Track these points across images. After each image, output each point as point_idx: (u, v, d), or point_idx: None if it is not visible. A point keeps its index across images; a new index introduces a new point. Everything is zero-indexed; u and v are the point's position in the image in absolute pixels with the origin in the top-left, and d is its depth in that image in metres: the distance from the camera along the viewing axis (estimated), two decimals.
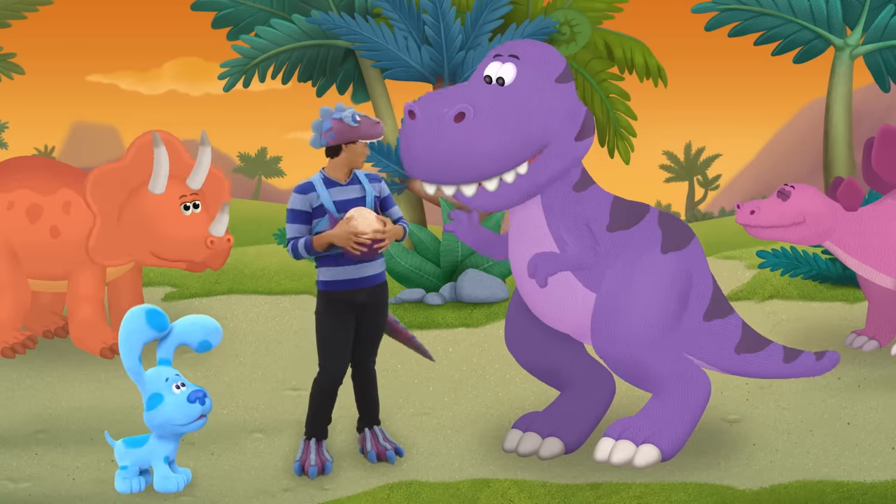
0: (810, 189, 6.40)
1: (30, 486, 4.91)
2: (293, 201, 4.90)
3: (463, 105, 4.30)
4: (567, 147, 4.58)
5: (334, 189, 4.92)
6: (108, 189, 6.82)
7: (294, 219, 4.89)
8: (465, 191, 4.47)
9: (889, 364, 6.52)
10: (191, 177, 6.88)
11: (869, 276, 6.54)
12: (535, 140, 4.46)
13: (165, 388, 4.73)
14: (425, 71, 10.02)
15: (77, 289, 6.99)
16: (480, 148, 4.35)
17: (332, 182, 4.93)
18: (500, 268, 8.56)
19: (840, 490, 4.58)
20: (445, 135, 4.31)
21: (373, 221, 4.81)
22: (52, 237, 6.97)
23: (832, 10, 11.16)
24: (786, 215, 6.30)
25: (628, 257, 4.84)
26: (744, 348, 5.16)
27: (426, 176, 4.48)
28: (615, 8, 11.31)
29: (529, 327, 5.19)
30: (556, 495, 4.62)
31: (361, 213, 4.84)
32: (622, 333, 4.80)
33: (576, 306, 4.87)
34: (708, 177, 55.99)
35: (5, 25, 13.01)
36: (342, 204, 4.89)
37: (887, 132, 6.58)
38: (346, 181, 4.94)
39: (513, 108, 4.41)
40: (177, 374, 4.80)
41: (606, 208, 4.84)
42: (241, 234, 8.85)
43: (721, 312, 5.11)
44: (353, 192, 4.95)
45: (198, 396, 4.73)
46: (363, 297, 4.98)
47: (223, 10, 10.82)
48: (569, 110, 4.58)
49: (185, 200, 6.77)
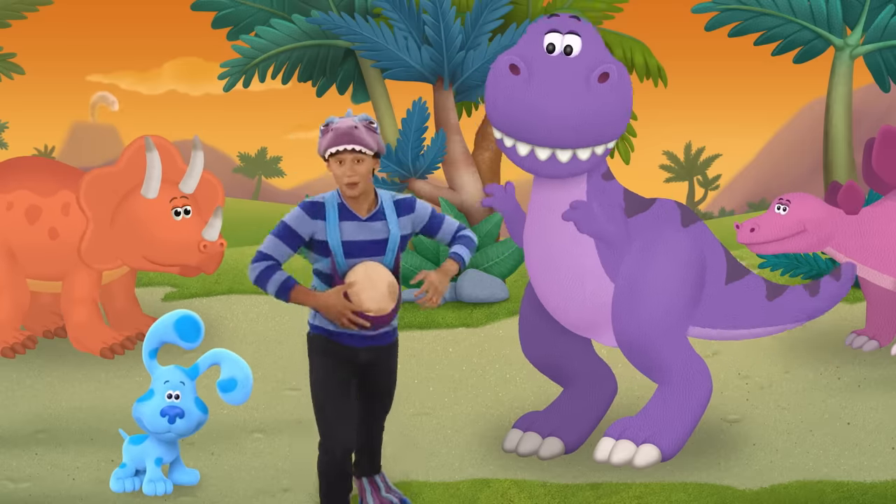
0: (807, 196, 6.44)
1: (30, 486, 4.91)
2: (292, 217, 3.94)
3: (608, 66, 4.30)
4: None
5: (349, 224, 3.94)
6: (102, 193, 6.81)
7: (281, 233, 3.94)
8: (560, 155, 4.41)
9: (889, 364, 6.52)
10: (183, 181, 6.87)
11: (870, 278, 6.54)
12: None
13: (159, 389, 4.72)
14: (425, 71, 10.01)
15: (72, 291, 6.99)
16: (622, 108, 4.42)
17: (349, 213, 3.95)
18: (500, 268, 8.55)
19: (840, 490, 4.57)
20: (594, 95, 4.31)
21: (384, 295, 3.89)
22: (51, 238, 6.97)
23: (832, 10, 11.15)
24: (786, 227, 6.32)
25: (648, 237, 4.87)
26: (773, 294, 5.22)
27: (550, 135, 4.35)
28: (615, 8, 11.31)
29: (541, 322, 5.19)
30: (556, 495, 4.62)
31: (371, 277, 3.89)
32: (642, 318, 4.83)
33: (584, 298, 4.87)
34: (708, 177, 56.01)
35: (5, 25, 13.01)
36: (354, 247, 3.92)
37: (888, 133, 6.59)
38: (367, 215, 3.96)
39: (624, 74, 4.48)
40: (183, 382, 4.74)
41: (622, 196, 4.89)
42: (242, 234, 8.85)
43: (739, 274, 5.17)
44: (372, 231, 3.96)
45: (169, 413, 4.65)
46: (365, 357, 4.09)
47: (223, 10, 10.81)
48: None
49: (176, 205, 6.75)
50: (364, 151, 3.87)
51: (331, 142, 3.87)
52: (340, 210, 3.93)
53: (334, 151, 3.87)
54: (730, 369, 6.46)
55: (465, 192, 9.98)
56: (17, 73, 13.88)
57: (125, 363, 6.91)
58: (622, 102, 4.44)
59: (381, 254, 3.97)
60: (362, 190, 3.91)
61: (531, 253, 4.93)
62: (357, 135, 3.86)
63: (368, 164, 3.90)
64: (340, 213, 3.92)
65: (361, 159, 3.88)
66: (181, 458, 4.93)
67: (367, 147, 3.87)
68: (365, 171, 3.89)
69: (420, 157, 9.68)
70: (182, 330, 4.76)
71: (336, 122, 3.89)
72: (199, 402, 4.80)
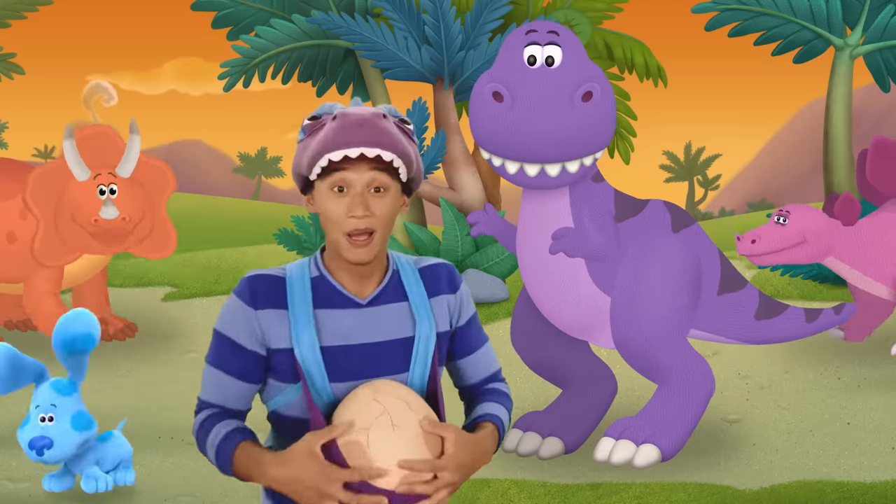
0: (806, 208, 6.48)
1: (30, 486, 4.90)
2: (225, 316, 2.08)
3: (591, 84, 4.35)
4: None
5: (338, 316, 2.07)
6: (46, 190, 6.88)
7: (218, 356, 2.09)
8: (549, 170, 4.46)
9: (889, 364, 6.52)
10: (120, 165, 6.93)
11: (867, 288, 6.57)
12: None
13: (33, 413, 4.44)
14: (425, 71, 10.01)
15: (34, 289, 7.01)
16: (606, 121, 4.48)
17: (337, 294, 2.08)
18: (500, 268, 8.56)
19: (840, 490, 4.57)
20: (577, 111, 4.36)
21: (414, 448, 1.92)
22: (9, 242, 7.00)
23: (832, 10, 11.16)
24: (786, 238, 6.35)
25: (640, 245, 4.87)
26: (763, 315, 5.22)
27: (535, 151, 4.40)
28: (615, 8, 11.33)
29: (535, 323, 5.20)
30: (556, 495, 4.62)
31: (389, 414, 1.93)
32: (642, 328, 4.85)
33: (578, 301, 4.88)
34: (708, 177, 56.03)
35: (5, 25, 13.02)
36: (348, 358, 2.06)
37: (881, 144, 6.61)
38: (371, 296, 2.10)
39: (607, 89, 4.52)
40: (54, 404, 4.38)
41: (611, 199, 4.88)
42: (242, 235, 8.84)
43: (734, 286, 5.16)
44: (382, 325, 2.09)
45: (35, 445, 4.36)
46: None
47: (223, 10, 10.82)
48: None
49: (101, 181, 6.82)
50: (395, 166, 2.02)
51: (330, 142, 1.98)
52: (318, 290, 2.06)
53: (337, 160, 1.98)
54: (730, 369, 6.46)
55: (465, 192, 9.98)
56: (17, 73, 13.90)
57: (125, 363, 6.92)
58: (606, 115, 4.49)
59: (401, 368, 2.10)
60: (377, 251, 2.05)
61: (524, 259, 4.95)
62: (384, 131, 2.01)
63: (395, 197, 2.05)
64: (318, 295, 2.06)
65: (386, 186, 2.02)
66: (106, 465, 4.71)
67: (401, 155, 2.03)
68: (388, 211, 2.03)
69: (420, 157, 9.70)
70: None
71: (341, 110, 2.06)
72: (79, 418, 4.46)
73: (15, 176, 7.21)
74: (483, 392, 2.32)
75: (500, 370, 2.36)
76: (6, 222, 7.02)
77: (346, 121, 2.02)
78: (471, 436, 2.08)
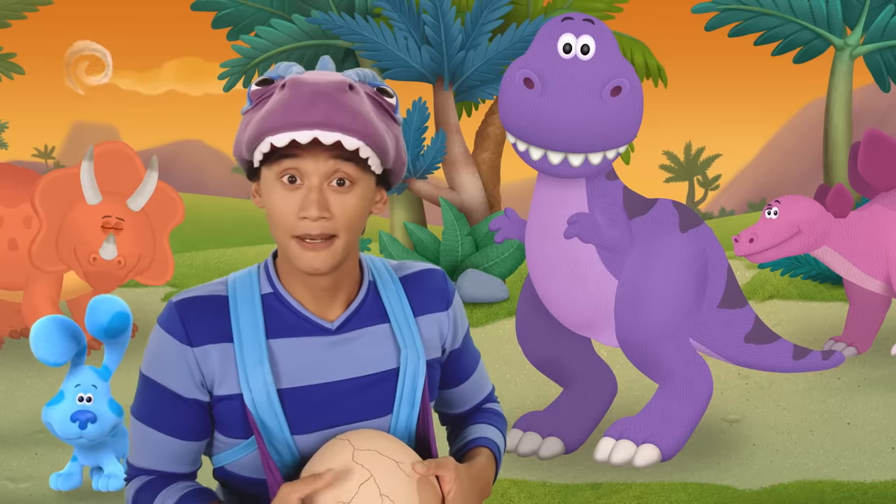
0: (796, 198, 6.43)
1: (30, 486, 4.91)
2: (151, 357, 1.63)
3: (620, 80, 4.38)
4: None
5: (297, 345, 1.61)
6: (56, 196, 6.79)
7: (150, 409, 1.64)
8: (572, 159, 4.49)
9: (889, 364, 6.52)
10: (132, 198, 6.81)
11: (858, 281, 6.55)
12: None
13: (70, 391, 4.47)
14: (425, 71, 10.01)
15: (33, 296, 6.97)
16: (634, 117, 4.51)
17: (296, 317, 1.62)
18: (499, 268, 8.56)
19: (840, 490, 4.57)
20: (606, 104, 4.39)
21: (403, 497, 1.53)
22: (10, 250, 6.99)
23: (832, 10, 11.16)
24: (781, 230, 6.32)
25: (646, 242, 4.89)
26: (753, 339, 5.21)
27: (562, 140, 4.44)
28: (615, 8, 11.33)
29: (539, 321, 5.20)
30: (556, 495, 4.62)
31: (373, 472, 1.52)
32: (645, 325, 4.85)
33: (584, 297, 4.88)
34: (708, 177, 56.04)
35: (5, 25, 13.02)
36: (312, 403, 1.62)
37: (873, 137, 6.60)
38: (340, 317, 1.65)
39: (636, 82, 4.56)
40: (95, 385, 4.48)
41: (622, 197, 4.91)
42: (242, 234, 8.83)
43: (734, 303, 5.16)
44: (357, 349, 1.65)
45: (79, 418, 4.44)
46: None
47: (223, 10, 10.82)
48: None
49: (107, 223, 6.67)
50: (363, 155, 1.55)
51: (274, 121, 1.53)
52: (272, 312, 1.62)
53: (282, 145, 1.52)
54: (730, 369, 6.46)
55: (465, 192, 9.98)
56: (17, 73, 13.90)
57: (125, 363, 6.90)
58: (634, 111, 4.53)
59: (383, 410, 1.69)
60: (339, 260, 1.59)
61: (532, 250, 4.95)
62: (348, 108, 1.53)
63: (365, 192, 1.59)
64: (272, 319, 1.62)
65: (352, 179, 1.56)
66: (109, 465, 4.72)
67: (371, 141, 1.56)
68: (352, 212, 1.57)
69: (420, 157, 9.69)
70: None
71: (294, 75, 1.62)
72: (114, 403, 4.57)
73: (20, 184, 7.19)
74: (473, 411, 1.93)
75: (494, 389, 2.00)
76: (9, 229, 7.01)
77: (298, 92, 1.53)
78: (470, 469, 1.69)
